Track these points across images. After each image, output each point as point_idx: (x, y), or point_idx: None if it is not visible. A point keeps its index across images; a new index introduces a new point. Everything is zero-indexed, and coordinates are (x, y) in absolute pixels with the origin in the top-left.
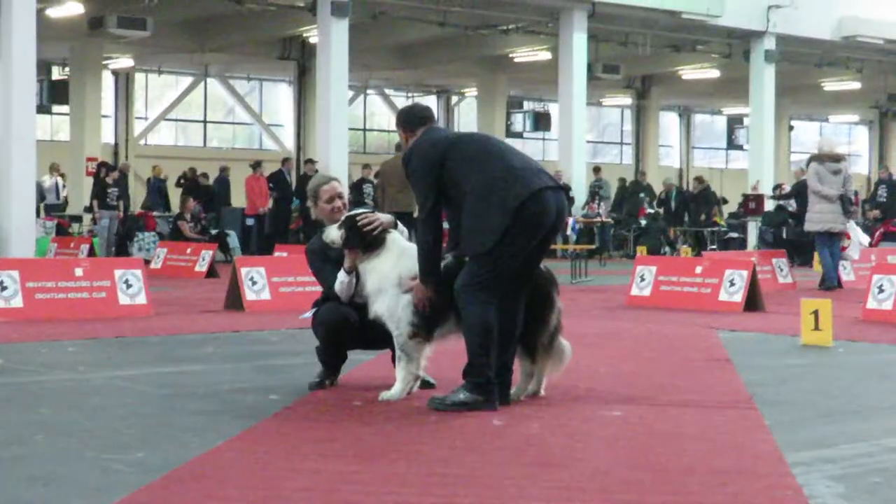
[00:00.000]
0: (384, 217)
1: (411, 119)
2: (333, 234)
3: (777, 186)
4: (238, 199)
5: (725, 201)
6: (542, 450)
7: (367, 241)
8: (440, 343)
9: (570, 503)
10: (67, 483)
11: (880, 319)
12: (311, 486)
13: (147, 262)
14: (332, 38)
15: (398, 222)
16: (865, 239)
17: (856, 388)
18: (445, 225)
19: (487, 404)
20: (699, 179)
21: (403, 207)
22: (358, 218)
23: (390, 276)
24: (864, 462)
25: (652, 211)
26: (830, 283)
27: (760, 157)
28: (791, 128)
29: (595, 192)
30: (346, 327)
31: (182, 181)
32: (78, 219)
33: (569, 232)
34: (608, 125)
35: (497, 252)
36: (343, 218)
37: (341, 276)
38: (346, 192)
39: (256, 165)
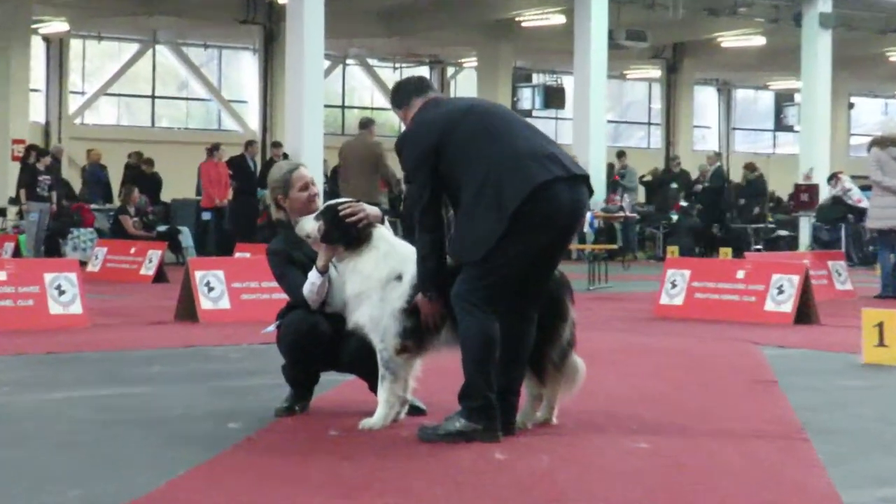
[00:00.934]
0: (370, 209)
1: (403, 93)
2: (309, 225)
3: (834, 175)
4: (189, 188)
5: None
6: (552, 487)
7: (350, 236)
8: (432, 359)
9: None
10: None
11: None
12: None
13: (83, 263)
14: None
15: (385, 217)
16: None
17: None
18: None
19: (488, 434)
20: (750, 167)
21: (366, 198)
22: (340, 208)
23: (374, 278)
24: None
25: (686, 204)
26: (885, 291)
27: (814, 141)
28: (851, 105)
29: (617, 182)
30: (316, 338)
31: (126, 168)
32: (1, 212)
33: (586, 229)
34: (633, 102)
35: (493, 259)
36: (322, 207)
37: (312, 277)
38: (321, 183)
39: (214, 149)
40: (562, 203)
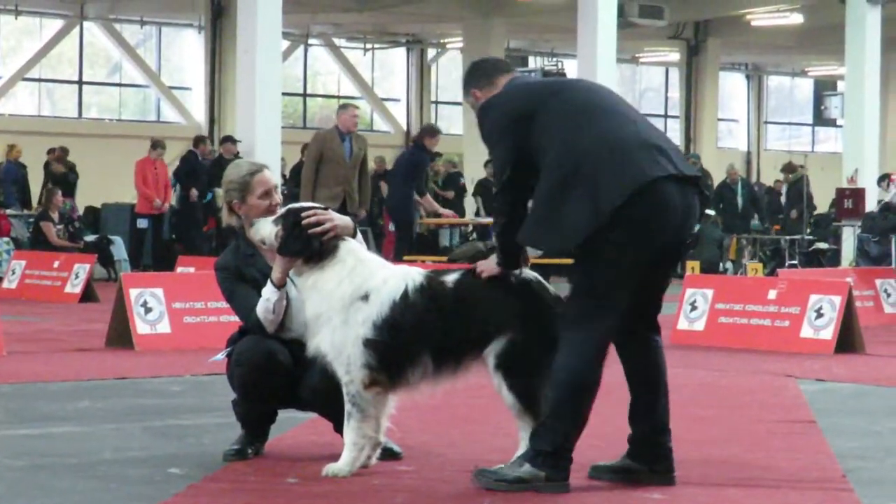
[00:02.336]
0: (340, 219)
1: (486, 70)
2: (265, 229)
3: (884, 177)
4: (121, 190)
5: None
6: None
7: (310, 249)
8: (410, 395)
9: None
10: None
11: None
12: None
13: None
14: None
15: (358, 229)
16: None
17: None
18: None
19: (554, 484)
20: (790, 168)
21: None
22: (304, 214)
23: (335, 296)
24: None
25: (711, 213)
26: None
27: (860, 137)
28: None
29: None
30: (272, 369)
31: (48, 166)
32: None
33: None
34: (647, 90)
35: (596, 267)
36: (283, 210)
37: (267, 293)
38: (279, 184)
39: (156, 145)
40: (672, 207)
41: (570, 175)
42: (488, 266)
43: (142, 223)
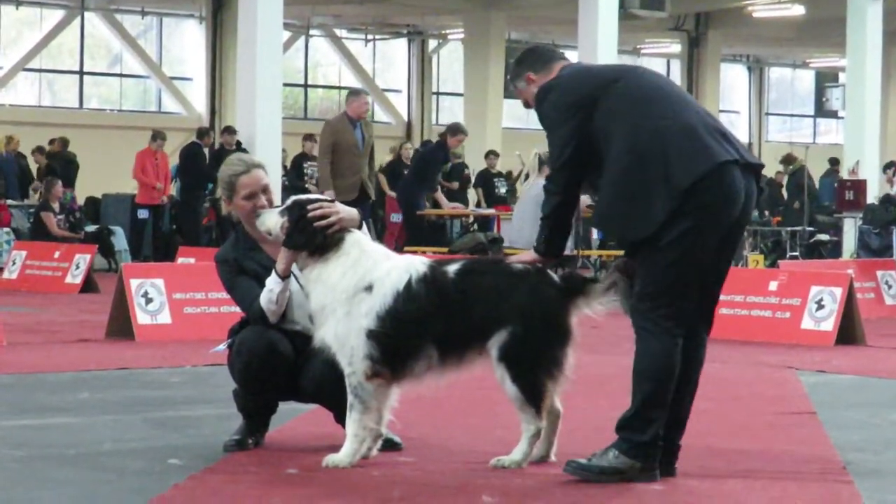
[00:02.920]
0: (346, 211)
1: (542, 55)
2: (271, 220)
3: (891, 164)
4: (123, 181)
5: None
6: None
7: (314, 243)
8: (414, 387)
9: None
10: None
11: None
12: None
13: None
14: None
15: (364, 222)
16: None
17: None
18: None
19: (646, 473)
20: (789, 159)
21: (357, 188)
22: (310, 207)
23: (339, 289)
24: None
25: None
26: None
27: (861, 128)
28: None
29: None
30: (274, 361)
31: (48, 157)
32: None
33: (594, 236)
34: None
35: (669, 252)
36: (289, 202)
37: (271, 283)
38: (278, 176)
39: (157, 136)
40: (737, 192)
41: (642, 158)
42: (522, 258)
43: (142, 214)
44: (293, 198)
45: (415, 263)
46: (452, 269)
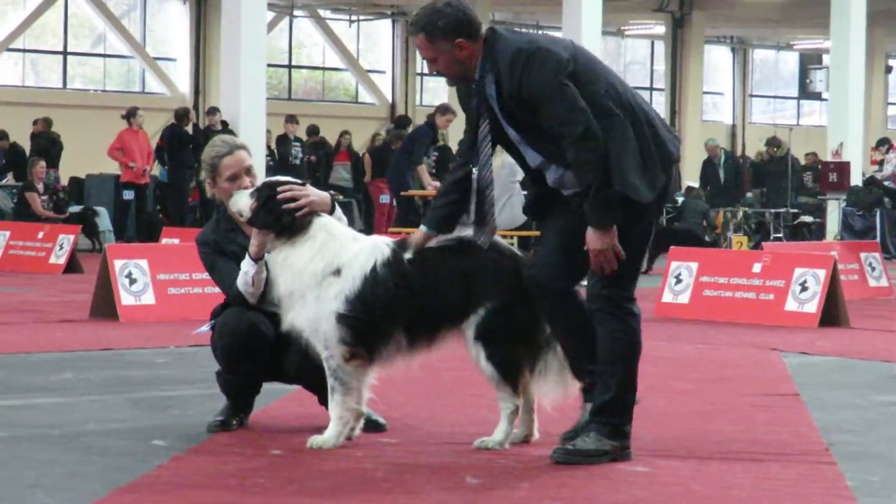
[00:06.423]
0: (317, 194)
1: (474, 21)
2: (242, 202)
3: (885, 141)
4: (106, 161)
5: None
6: None
7: (281, 223)
8: (385, 370)
9: None
10: None
11: None
12: None
13: None
14: None
15: (337, 204)
16: None
17: None
18: None
19: (628, 451)
20: (774, 142)
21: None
22: (280, 189)
23: (307, 273)
24: None
25: (694, 185)
26: None
27: (845, 110)
28: (889, 69)
29: None
30: (256, 341)
31: (32, 137)
32: None
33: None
34: (632, 63)
35: (645, 232)
36: (260, 183)
37: (245, 266)
38: (262, 157)
39: (131, 115)
40: (671, 185)
41: (633, 115)
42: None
43: (127, 194)
44: (265, 179)
45: (379, 245)
46: (429, 249)
